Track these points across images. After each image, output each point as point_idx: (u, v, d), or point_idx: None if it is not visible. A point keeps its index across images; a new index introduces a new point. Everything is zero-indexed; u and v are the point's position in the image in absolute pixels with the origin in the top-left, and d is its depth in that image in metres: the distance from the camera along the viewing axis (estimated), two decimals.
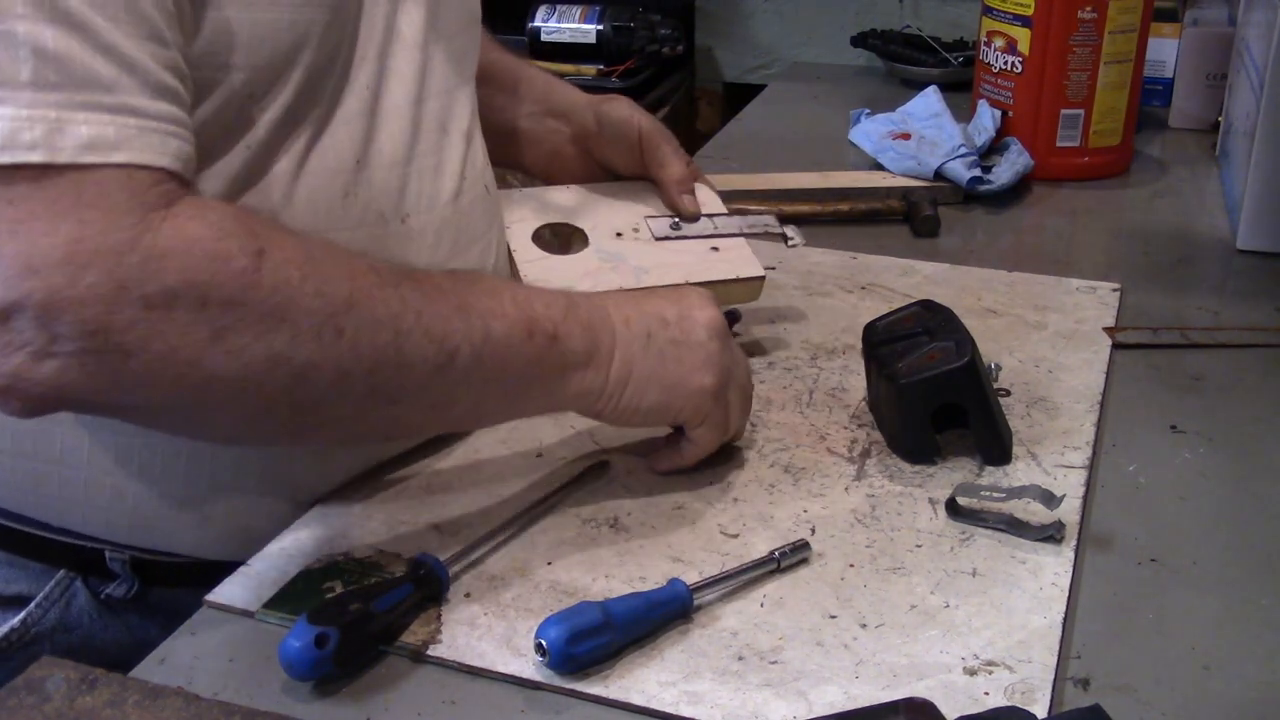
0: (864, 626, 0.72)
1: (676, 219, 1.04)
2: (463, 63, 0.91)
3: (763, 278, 1.00)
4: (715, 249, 1.01)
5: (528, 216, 1.02)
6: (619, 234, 1.02)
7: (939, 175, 1.41)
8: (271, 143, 0.76)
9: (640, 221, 1.03)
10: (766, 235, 1.05)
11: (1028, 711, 0.62)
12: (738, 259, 1.01)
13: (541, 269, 0.97)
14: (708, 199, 1.06)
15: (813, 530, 0.81)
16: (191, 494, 0.82)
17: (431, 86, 0.86)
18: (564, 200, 1.05)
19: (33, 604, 0.87)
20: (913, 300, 0.96)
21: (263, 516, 0.83)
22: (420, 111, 0.85)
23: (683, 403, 0.82)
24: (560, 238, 1.03)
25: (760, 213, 1.09)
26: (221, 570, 0.78)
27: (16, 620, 0.86)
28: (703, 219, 1.04)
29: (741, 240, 1.03)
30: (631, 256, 1.00)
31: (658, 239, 1.02)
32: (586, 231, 1.02)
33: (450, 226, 0.87)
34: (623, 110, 1.06)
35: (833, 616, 0.73)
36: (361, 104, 0.81)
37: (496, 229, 0.94)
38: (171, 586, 0.87)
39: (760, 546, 0.78)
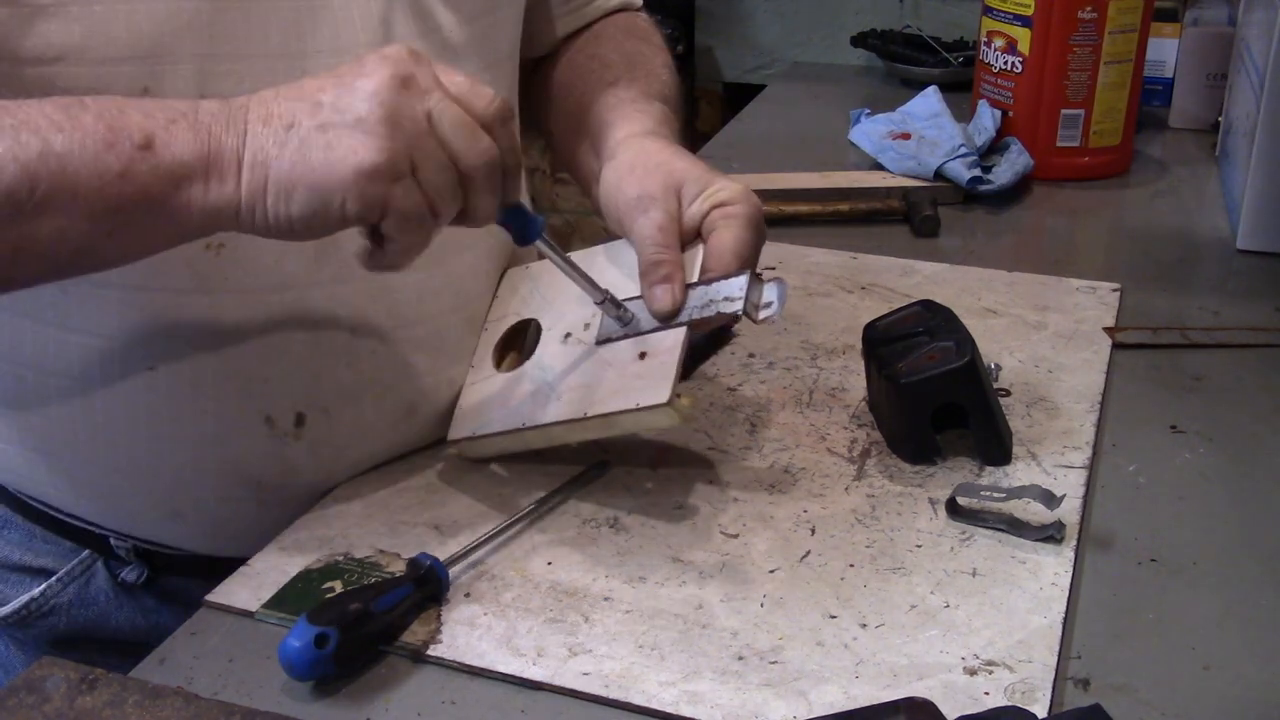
0: (864, 626, 0.72)
1: (621, 311, 0.83)
2: (484, 46, 0.87)
3: (666, 404, 0.76)
4: (643, 354, 0.80)
5: (518, 306, 0.90)
6: (568, 334, 0.86)
7: (939, 175, 1.41)
8: None
9: (599, 312, 0.84)
10: (719, 318, 0.80)
11: (1028, 711, 0.62)
12: (648, 375, 0.78)
13: (478, 392, 0.87)
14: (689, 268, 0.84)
15: (813, 530, 0.81)
16: (158, 488, 0.84)
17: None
18: (562, 271, 0.82)
19: (54, 578, 0.90)
20: (913, 300, 0.96)
21: (229, 514, 0.84)
22: None
23: (339, 195, 0.65)
24: (522, 334, 0.92)
25: (727, 278, 0.81)
26: (229, 564, 0.79)
27: (37, 590, 0.90)
28: None
29: (678, 337, 0.80)
30: (557, 374, 0.84)
31: (599, 343, 0.84)
32: (544, 331, 0.88)
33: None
34: (618, 172, 0.86)
35: (833, 616, 0.73)
36: None
37: (495, 235, 0.85)
38: (182, 575, 0.89)
39: (760, 546, 0.78)
